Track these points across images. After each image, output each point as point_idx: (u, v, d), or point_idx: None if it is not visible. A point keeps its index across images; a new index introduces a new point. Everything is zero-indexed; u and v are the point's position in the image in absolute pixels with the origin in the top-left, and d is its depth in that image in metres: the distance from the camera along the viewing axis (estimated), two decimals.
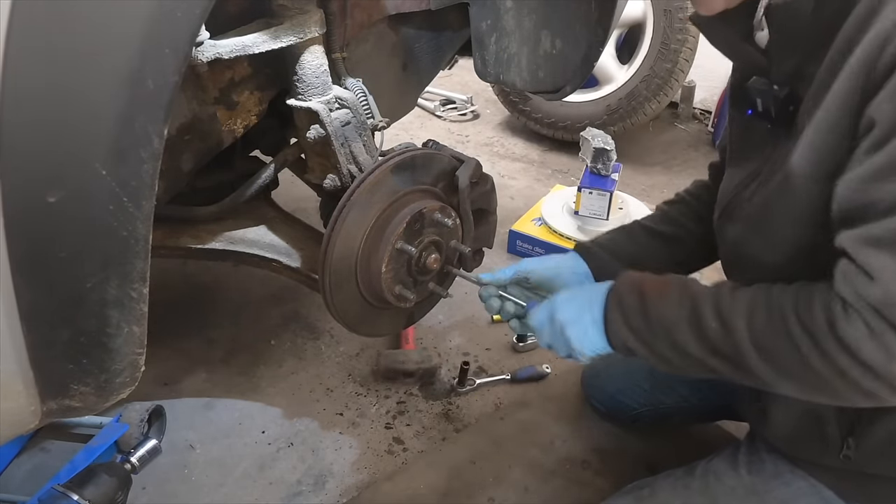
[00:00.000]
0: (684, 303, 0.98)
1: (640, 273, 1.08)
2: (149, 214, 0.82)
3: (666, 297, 1.01)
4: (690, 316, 0.96)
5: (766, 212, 0.99)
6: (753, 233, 1.03)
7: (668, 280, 1.04)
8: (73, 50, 0.72)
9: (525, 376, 1.76)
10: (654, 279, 1.05)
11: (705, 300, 0.96)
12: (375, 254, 1.29)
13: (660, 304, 1.01)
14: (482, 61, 1.60)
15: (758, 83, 0.99)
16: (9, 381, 0.81)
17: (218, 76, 1.19)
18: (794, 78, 0.95)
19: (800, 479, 1.13)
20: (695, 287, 1.00)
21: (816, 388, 0.89)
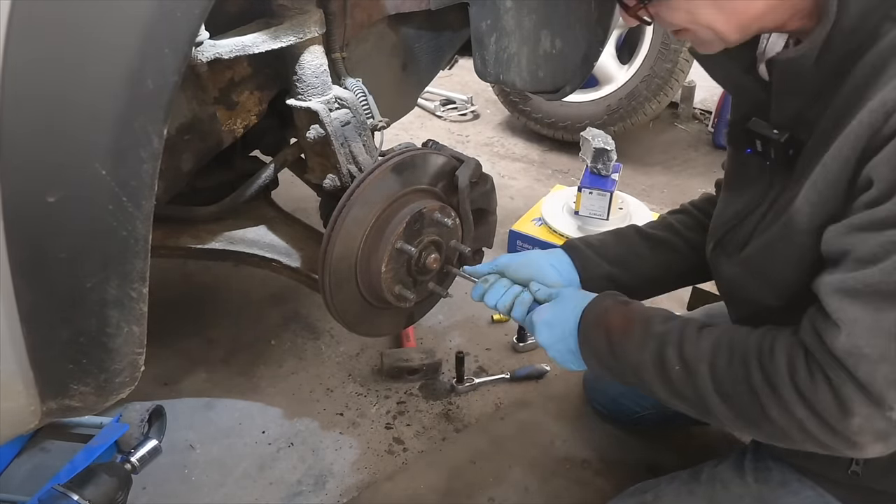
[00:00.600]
0: (648, 344, 0.99)
1: (607, 304, 1.08)
2: (149, 214, 0.82)
3: (630, 337, 1.02)
4: (655, 359, 0.98)
5: (767, 258, 0.98)
6: (754, 276, 1.01)
7: (632, 317, 1.04)
8: (73, 50, 0.72)
9: (524, 374, 1.76)
10: (618, 313, 1.05)
11: (669, 341, 0.97)
12: (375, 254, 1.29)
13: (624, 343, 1.02)
14: (482, 61, 1.60)
15: (758, 126, 0.99)
16: (9, 381, 0.81)
17: (218, 76, 1.19)
18: (794, 122, 0.94)
19: (808, 489, 1.11)
20: (658, 326, 1.00)
21: (775, 437, 0.90)
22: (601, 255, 1.30)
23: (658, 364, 0.97)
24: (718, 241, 1.12)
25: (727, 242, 1.09)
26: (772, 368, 0.86)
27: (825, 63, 0.87)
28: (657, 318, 1.02)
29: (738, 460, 1.22)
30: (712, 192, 1.38)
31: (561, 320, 1.10)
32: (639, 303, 1.09)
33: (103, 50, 0.73)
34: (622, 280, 1.29)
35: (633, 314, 1.04)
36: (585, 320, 1.08)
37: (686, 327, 0.98)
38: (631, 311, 1.05)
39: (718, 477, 1.21)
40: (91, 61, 0.73)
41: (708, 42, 0.94)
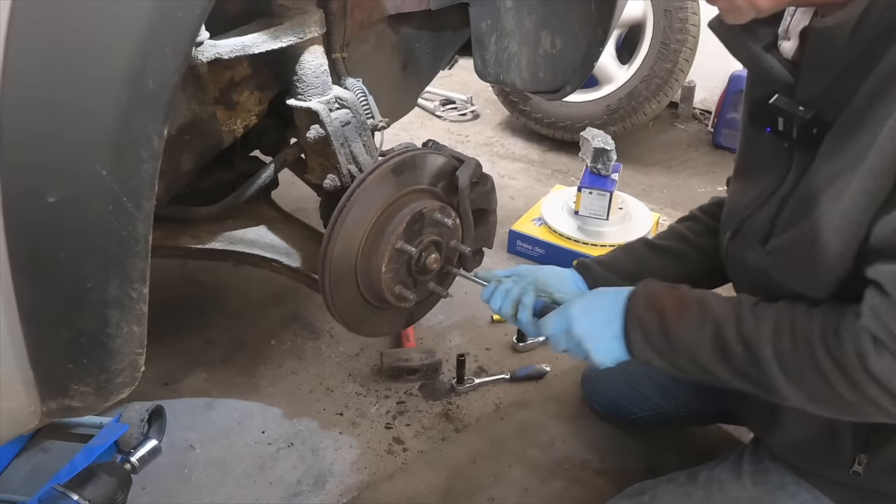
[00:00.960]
0: (705, 326, 0.97)
1: (655, 287, 1.06)
2: (149, 214, 0.82)
3: (685, 318, 1.00)
4: (713, 340, 0.96)
5: (805, 250, 0.93)
6: (790, 268, 0.98)
7: (686, 298, 1.02)
8: (73, 50, 0.72)
9: (524, 375, 1.76)
10: (670, 295, 1.03)
11: (727, 322, 0.95)
12: (375, 254, 1.29)
13: (680, 325, 1.00)
14: (482, 61, 1.60)
15: (781, 102, 0.96)
16: (9, 381, 0.81)
17: (218, 76, 1.19)
18: (821, 100, 0.92)
19: (805, 492, 1.11)
20: (715, 307, 0.98)
21: (845, 411, 0.90)
22: (613, 270, 1.31)
23: (717, 345, 0.95)
24: (737, 230, 1.09)
25: (747, 231, 1.06)
26: (839, 352, 0.85)
27: (860, 37, 0.84)
28: (713, 299, 1.00)
29: (736, 462, 1.21)
30: (716, 194, 1.38)
31: (602, 306, 1.08)
32: (687, 286, 1.06)
33: (103, 50, 0.73)
34: None
35: (686, 296, 1.03)
36: (634, 302, 1.05)
37: (740, 307, 0.96)
38: (684, 292, 1.04)
39: (715, 479, 1.20)
40: (91, 61, 0.73)
41: (740, 9, 0.89)
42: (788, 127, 0.95)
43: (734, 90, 2.90)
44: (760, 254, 1.03)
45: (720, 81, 3.03)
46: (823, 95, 0.92)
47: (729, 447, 1.32)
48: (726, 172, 1.37)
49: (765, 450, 1.20)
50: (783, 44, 0.97)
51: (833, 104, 0.90)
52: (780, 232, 0.99)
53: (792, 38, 0.95)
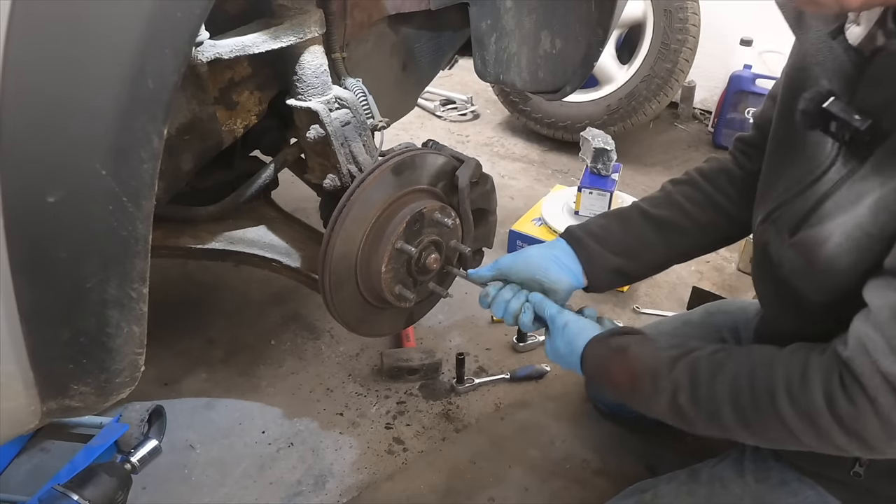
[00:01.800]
0: (660, 397, 0.99)
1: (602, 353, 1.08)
2: (149, 214, 0.82)
3: (639, 391, 1.02)
4: (670, 409, 0.99)
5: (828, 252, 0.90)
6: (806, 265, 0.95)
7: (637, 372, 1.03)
8: (73, 50, 0.72)
9: (524, 374, 1.76)
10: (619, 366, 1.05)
11: (681, 389, 0.97)
12: (375, 254, 1.29)
13: (635, 397, 1.04)
14: (482, 61, 1.60)
15: (836, 108, 0.90)
16: (9, 381, 0.81)
17: (218, 76, 1.19)
18: (880, 110, 0.88)
19: (808, 489, 1.11)
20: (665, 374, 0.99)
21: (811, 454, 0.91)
22: (608, 246, 1.24)
23: (675, 412, 0.98)
24: (769, 215, 1.05)
25: (778, 218, 1.03)
26: (805, 399, 0.84)
27: None
28: (663, 368, 1.00)
29: (738, 460, 1.21)
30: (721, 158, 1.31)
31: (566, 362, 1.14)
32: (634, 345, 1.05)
33: (104, 50, 0.73)
34: (628, 270, 1.27)
35: (636, 367, 1.03)
36: (587, 372, 1.09)
37: (694, 369, 0.96)
38: (632, 361, 1.04)
39: (717, 477, 1.20)
40: (91, 61, 0.73)
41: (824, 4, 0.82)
42: (841, 131, 0.91)
43: (734, 90, 2.90)
44: (785, 244, 1.00)
45: (720, 81, 3.03)
46: (884, 105, 0.87)
47: (730, 445, 1.32)
48: None
49: (766, 448, 1.19)
50: (851, 28, 0.90)
51: (892, 116, 0.87)
52: (811, 226, 0.96)
53: (863, 23, 0.89)
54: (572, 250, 1.25)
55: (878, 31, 0.88)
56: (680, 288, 2.11)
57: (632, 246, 1.25)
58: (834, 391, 0.82)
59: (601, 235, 1.26)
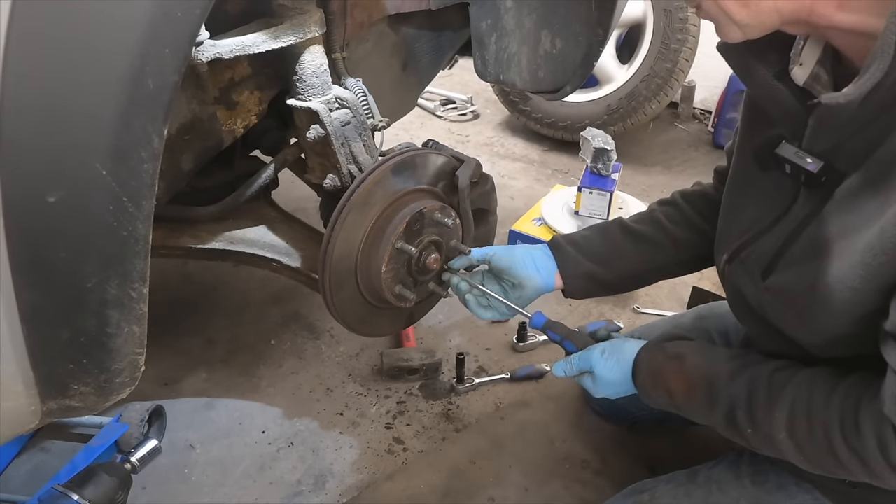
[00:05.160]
0: (717, 408, 0.99)
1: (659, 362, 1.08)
2: (149, 214, 0.82)
3: (695, 401, 1.02)
4: (727, 420, 0.98)
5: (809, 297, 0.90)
6: (788, 309, 0.95)
7: (692, 378, 1.03)
8: (73, 50, 0.72)
9: (524, 374, 1.76)
10: (676, 374, 1.05)
11: (739, 404, 0.96)
12: (375, 254, 1.29)
13: (690, 405, 1.03)
14: (482, 61, 1.60)
15: (788, 152, 0.92)
16: (9, 381, 0.81)
17: (218, 76, 1.19)
18: (831, 152, 0.88)
19: (804, 493, 1.11)
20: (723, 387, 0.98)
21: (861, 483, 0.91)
22: (584, 252, 1.30)
23: (731, 426, 0.98)
24: (735, 254, 1.06)
25: (746, 258, 1.03)
26: (859, 445, 0.85)
27: (871, 104, 0.80)
28: (721, 379, 0.99)
29: (735, 462, 1.22)
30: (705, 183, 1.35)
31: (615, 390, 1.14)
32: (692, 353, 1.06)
33: (104, 50, 0.73)
34: (602, 277, 1.30)
35: (693, 375, 1.03)
36: (641, 383, 1.09)
37: (754, 387, 0.95)
38: (689, 369, 1.03)
39: (715, 479, 1.20)
40: (91, 61, 0.73)
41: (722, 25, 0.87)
42: (796, 172, 0.92)
43: (734, 90, 2.90)
44: (759, 287, 1.00)
45: (720, 81, 3.03)
46: (835, 148, 0.88)
47: (728, 447, 1.32)
48: None
49: None
50: (794, 69, 0.92)
51: (847, 156, 0.87)
52: (783, 269, 0.96)
53: (805, 62, 0.90)
54: (552, 254, 1.31)
55: (820, 70, 0.89)
56: (680, 288, 2.11)
57: (606, 254, 1.31)
58: (887, 442, 0.83)
59: (580, 243, 1.33)
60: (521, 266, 1.27)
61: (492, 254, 1.30)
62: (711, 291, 1.95)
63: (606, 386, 1.14)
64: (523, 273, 1.27)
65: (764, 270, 0.99)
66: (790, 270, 0.95)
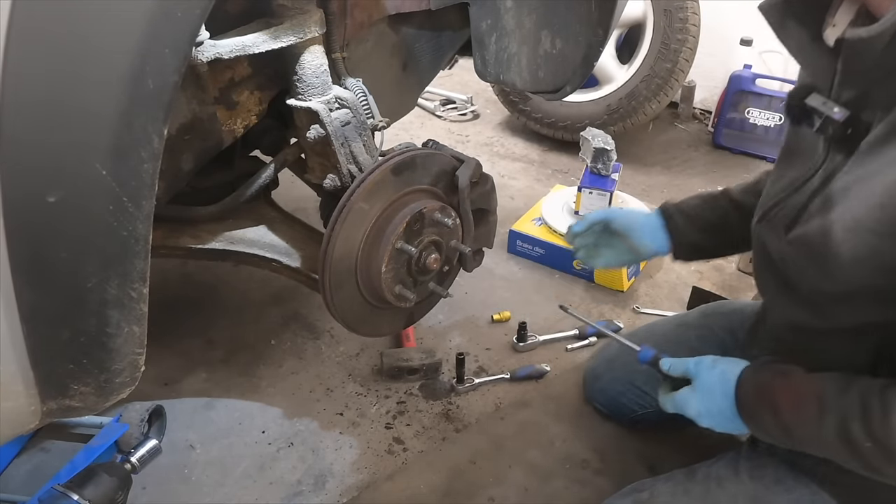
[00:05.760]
0: (827, 421, 0.94)
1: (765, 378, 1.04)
2: (149, 214, 0.82)
3: (803, 415, 0.97)
4: (839, 435, 0.93)
5: (823, 246, 0.92)
6: (809, 261, 0.96)
7: (801, 391, 0.99)
8: (74, 50, 0.72)
9: (524, 374, 1.76)
10: (783, 388, 1.00)
11: (853, 417, 0.92)
12: (375, 254, 1.30)
13: (799, 423, 0.98)
14: (482, 61, 1.60)
15: (817, 102, 0.94)
16: (9, 381, 0.81)
17: (218, 76, 1.19)
18: (858, 102, 0.91)
19: (802, 487, 1.12)
20: (834, 398, 0.95)
21: None
22: (694, 224, 1.36)
23: (844, 442, 0.93)
24: (765, 215, 1.08)
25: (773, 216, 1.06)
26: None
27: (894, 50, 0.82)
28: (831, 389, 0.96)
29: (734, 459, 1.22)
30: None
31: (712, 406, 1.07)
32: (798, 370, 1.02)
33: (104, 50, 0.73)
34: (707, 246, 1.37)
35: (801, 388, 0.99)
36: (744, 393, 1.04)
37: (867, 398, 0.92)
38: (796, 384, 1.00)
39: (714, 475, 1.21)
40: (91, 61, 0.73)
41: None
42: (824, 125, 0.95)
43: (734, 90, 2.90)
44: (782, 241, 1.02)
45: (720, 81, 3.03)
46: (861, 97, 0.90)
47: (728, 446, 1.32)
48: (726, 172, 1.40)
49: (763, 446, 1.20)
50: (828, 31, 0.93)
51: (872, 106, 0.89)
52: (805, 222, 0.98)
53: (838, 24, 0.92)
54: (663, 222, 1.39)
55: None
56: (680, 288, 2.11)
57: (714, 226, 1.36)
58: None
59: (690, 214, 1.38)
60: (640, 234, 1.37)
61: (611, 218, 1.39)
62: (711, 291, 1.95)
63: (705, 395, 1.08)
64: (641, 240, 1.37)
65: (787, 225, 1.02)
66: (812, 222, 0.96)
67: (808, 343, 1.04)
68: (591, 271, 2.11)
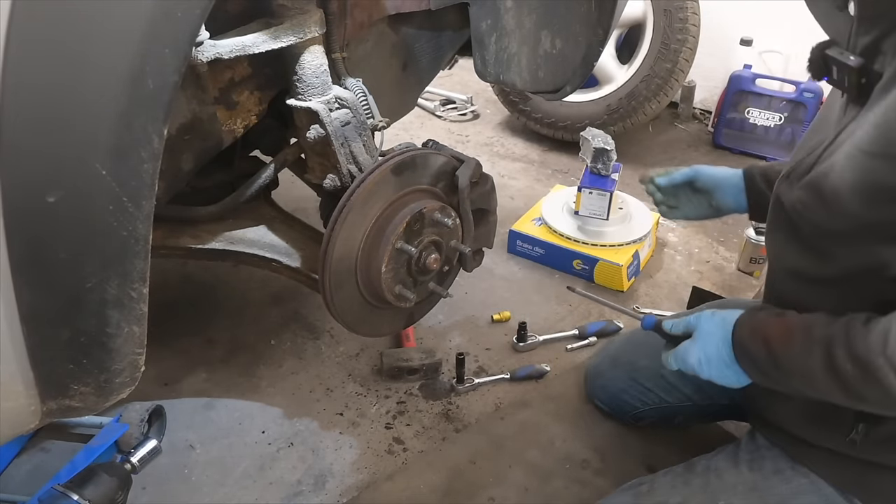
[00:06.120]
0: (814, 350, 0.96)
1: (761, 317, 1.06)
2: (149, 214, 0.82)
3: (791, 345, 0.99)
4: (824, 363, 0.95)
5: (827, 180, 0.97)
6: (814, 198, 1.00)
7: (790, 324, 1.02)
8: (73, 50, 0.72)
9: (524, 374, 1.76)
10: (775, 323, 1.03)
11: (836, 343, 0.94)
12: (375, 254, 1.30)
13: (787, 353, 1.00)
14: (482, 61, 1.60)
15: (834, 51, 1.00)
16: (9, 381, 0.81)
17: (218, 76, 1.19)
18: (871, 51, 0.95)
19: (800, 477, 1.13)
20: (821, 329, 0.97)
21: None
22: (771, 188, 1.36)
23: (829, 368, 0.95)
24: (787, 175, 1.12)
25: (792, 172, 1.09)
26: None
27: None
28: (818, 323, 0.99)
29: (733, 452, 1.24)
30: None
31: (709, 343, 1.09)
32: (793, 312, 1.05)
33: (103, 50, 0.73)
34: None
35: (791, 323, 1.02)
36: (739, 334, 1.06)
37: (851, 324, 0.95)
38: (788, 320, 1.03)
39: (713, 467, 1.22)
40: (91, 61, 0.73)
41: None
42: (842, 76, 0.99)
43: (734, 90, 2.90)
44: (794, 188, 1.06)
45: (720, 81, 3.03)
46: (873, 46, 0.94)
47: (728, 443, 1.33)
48: None
49: (761, 433, 1.22)
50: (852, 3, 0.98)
51: (882, 55, 0.93)
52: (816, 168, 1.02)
53: None
54: (745, 185, 1.42)
55: None
56: (680, 288, 2.11)
57: None
58: None
59: (771, 178, 1.37)
60: (724, 192, 1.42)
61: (697, 175, 1.44)
62: (711, 291, 1.95)
63: (704, 341, 1.10)
64: (724, 198, 1.42)
65: (801, 176, 1.05)
66: (822, 165, 1.00)
67: (808, 294, 1.06)
68: (591, 271, 2.11)
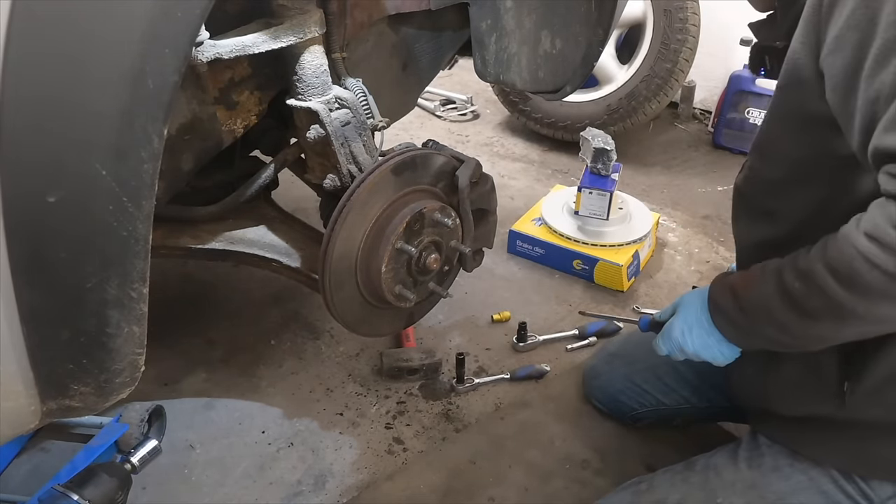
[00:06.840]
0: (769, 280, 1.00)
1: (731, 276, 1.12)
2: (149, 214, 0.82)
3: (752, 286, 1.04)
4: (777, 289, 0.99)
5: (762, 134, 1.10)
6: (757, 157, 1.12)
7: (751, 271, 1.06)
8: (74, 50, 0.72)
9: (524, 374, 1.76)
10: (740, 275, 1.09)
11: (784, 268, 0.99)
12: (375, 254, 1.30)
13: (749, 295, 1.04)
14: (482, 61, 1.60)
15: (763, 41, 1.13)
16: (9, 381, 0.81)
17: (218, 76, 1.19)
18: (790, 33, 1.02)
19: (799, 474, 1.15)
20: (773, 264, 1.02)
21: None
22: None
23: (782, 293, 0.97)
24: None
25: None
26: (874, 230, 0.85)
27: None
28: (772, 261, 1.03)
29: (733, 450, 1.25)
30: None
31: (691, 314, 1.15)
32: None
33: (104, 50, 0.73)
34: None
35: (752, 269, 1.06)
36: (712, 293, 1.12)
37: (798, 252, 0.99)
38: (751, 269, 1.07)
39: (712, 465, 1.24)
40: (91, 61, 0.73)
41: None
42: (773, 63, 1.09)
43: (734, 90, 2.90)
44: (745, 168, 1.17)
45: (720, 81, 3.02)
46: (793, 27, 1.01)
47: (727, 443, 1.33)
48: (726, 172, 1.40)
49: (762, 437, 1.23)
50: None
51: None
52: None
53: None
54: None
55: None
56: (680, 288, 2.11)
57: None
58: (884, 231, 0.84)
59: None
60: None
61: None
62: None
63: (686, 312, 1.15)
64: None
65: None
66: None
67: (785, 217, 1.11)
68: (592, 271, 2.11)
